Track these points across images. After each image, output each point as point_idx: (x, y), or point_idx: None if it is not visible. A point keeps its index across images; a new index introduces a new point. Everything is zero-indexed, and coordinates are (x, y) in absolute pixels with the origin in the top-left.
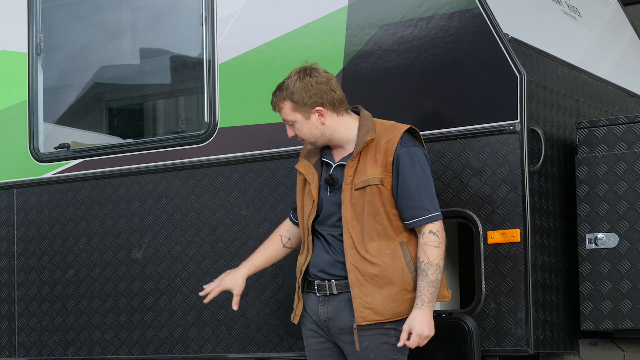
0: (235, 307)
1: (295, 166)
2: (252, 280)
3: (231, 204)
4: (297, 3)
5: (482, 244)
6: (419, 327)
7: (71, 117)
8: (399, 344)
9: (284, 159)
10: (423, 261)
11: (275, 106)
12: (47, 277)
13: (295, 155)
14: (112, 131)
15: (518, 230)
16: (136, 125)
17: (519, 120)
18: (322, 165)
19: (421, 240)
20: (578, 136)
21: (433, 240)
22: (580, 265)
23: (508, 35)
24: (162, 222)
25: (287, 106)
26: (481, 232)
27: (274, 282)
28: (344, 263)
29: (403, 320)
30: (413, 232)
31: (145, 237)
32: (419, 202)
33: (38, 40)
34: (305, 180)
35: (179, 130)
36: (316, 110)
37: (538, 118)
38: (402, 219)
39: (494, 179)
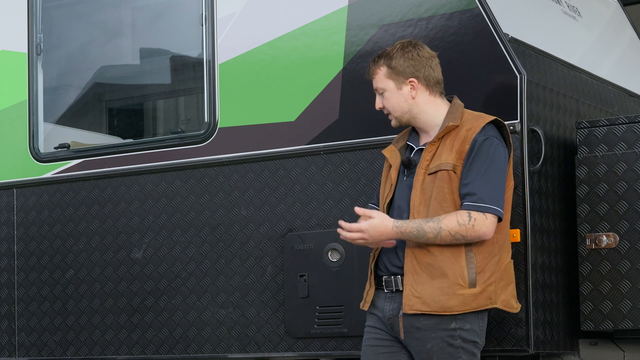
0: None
1: (382, 151)
2: (252, 280)
3: (231, 204)
4: (297, 3)
5: None
6: (369, 227)
7: (71, 117)
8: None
9: (284, 159)
10: (438, 217)
11: (372, 73)
12: (47, 277)
13: (294, 156)
14: (112, 131)
15: (518, 230)
16: (136, 125)
17: (519, 120)
18: (407, 150)
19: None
20: (578, 136)
21: (463, 217)
22: (580, 265)
23: (508, 35)
24: (162, 222)
25: (382, 72)
26: None
27: (273, 282)
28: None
29: (469, 321)
30: None
31: (145, 237)
32: (472, 187)
33: (38, 40)
34: (390, 164)
35: (179, 130)
36: (410, 82)
37: (538, 118)
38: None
39: None
